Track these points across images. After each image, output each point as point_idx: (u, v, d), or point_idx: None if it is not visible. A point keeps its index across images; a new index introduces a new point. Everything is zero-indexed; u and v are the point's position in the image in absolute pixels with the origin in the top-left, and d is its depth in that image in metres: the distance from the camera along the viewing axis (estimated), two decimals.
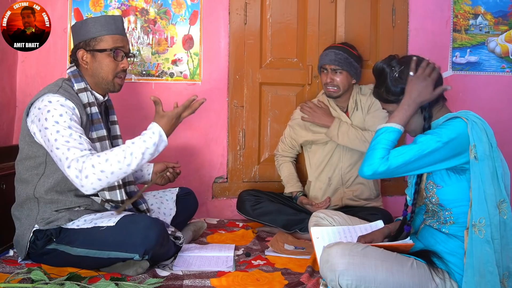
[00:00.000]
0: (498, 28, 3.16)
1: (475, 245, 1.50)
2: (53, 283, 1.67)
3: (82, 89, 1.98)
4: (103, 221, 1.90)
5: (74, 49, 2.02)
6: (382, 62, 1.70)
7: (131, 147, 1.83)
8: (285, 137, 2.85)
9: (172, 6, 2.94)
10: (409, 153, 1.55)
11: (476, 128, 1.54)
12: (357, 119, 2.65)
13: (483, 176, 1.52)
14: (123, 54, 2.02)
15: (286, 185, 2.79)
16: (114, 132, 2.20)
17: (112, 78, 2.01)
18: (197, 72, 2.97)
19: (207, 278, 1.90)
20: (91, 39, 1.97)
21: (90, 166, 1.76)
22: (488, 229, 1.49)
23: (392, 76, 1.65)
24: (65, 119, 1.83)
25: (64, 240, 1.91)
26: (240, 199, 2.74)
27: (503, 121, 3.14)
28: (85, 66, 2.01)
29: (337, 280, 1.50)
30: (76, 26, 2.02)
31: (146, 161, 1.87)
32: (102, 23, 1.98)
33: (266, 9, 3.03)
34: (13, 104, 2.82)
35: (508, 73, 3.18)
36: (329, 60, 2.58)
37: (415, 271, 1.56)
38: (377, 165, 1.57)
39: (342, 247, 1.55)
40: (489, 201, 1.51)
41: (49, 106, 1.85)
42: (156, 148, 1.88)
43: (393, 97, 1.66)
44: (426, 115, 1.65)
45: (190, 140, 3.00)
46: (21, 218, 1.97)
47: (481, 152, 1.52)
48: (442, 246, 1.61)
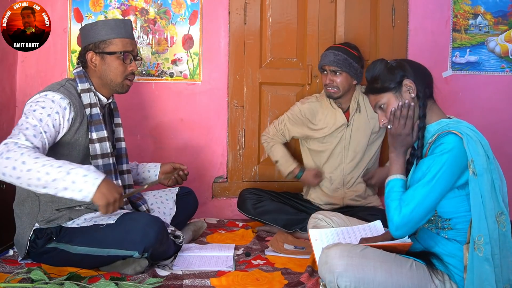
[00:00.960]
0: (498, 28, 3.16)
1: (475, 263, 1.49)
2: (53, 283, 1.67)
3: (86, 89, 1.99)
4: (103, 219, 1.91)
5: (82, 51, 2.04)
6: (374, 61, 1.75)
7: (50, 171, 1.63)
8: (279, 123, 2.79)
9: (172, 6, 2.94)
10: (418, 193, 1.53)
11: (471, 142, 1.52)
12: (359, 121, 2.64)
13: (483, 191, 1.49)
14: (131, 57, 2.04)
15: (285, 164, 2.74)
16: (117, 134, 2.20)
17: (121, 80, 2.04)
18: (197, 72, 2.98)
19: (207, 277, 1.91)
20: (100, 42, 1.99)
21: (20, 153, 1.63)
22: (488, 247, 1.47)
23: (389, 65, 1.69)
24: (42, 112, 1.81)
25: (64, 239, 1.91)
26: (241, 197, 2.74)
27: (503, 121, 3.15)
28: (93, 68, 2.02)
29: (336, 282, 1.50)
30: (85, 28, 2.04)
31: (43, 189, 1.66)
32: (112, 26, 2.00)
33: (266, 9, 3.03)
34: (13, 104, 2.82)
35: (507, 73, 3.18)
36: (328, 61, 2.57)
37: (414, 272, 1.55)
38: (394, 218, 1.55)
39: (341, 249, 1.55)
40: (488, 216, 1.49)
41: (41, 98, 1.87)
42: (63, 192, 1.65)
43: (388, 84, 1.67)
44: (420, 104, 1.66)
45: (190, 140, 3.00)
46: (22, 216, 1.98)
47: (479, 167, 1.50)
48: (441, 248, 1.61)
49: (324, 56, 2.61)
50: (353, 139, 2.64)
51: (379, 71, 1.69)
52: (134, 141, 2.93)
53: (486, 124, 3.11)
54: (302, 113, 2.72)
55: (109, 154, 2.01)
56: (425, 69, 1.73)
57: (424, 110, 1.65)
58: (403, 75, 1.67)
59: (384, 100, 1.69)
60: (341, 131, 2.64)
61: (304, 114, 2.71)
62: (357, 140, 2.64)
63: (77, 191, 1.64)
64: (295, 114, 2.75)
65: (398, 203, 1.56)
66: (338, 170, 2.67)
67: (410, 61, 1.73)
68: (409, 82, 1.66)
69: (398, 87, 1.67)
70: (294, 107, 2.78)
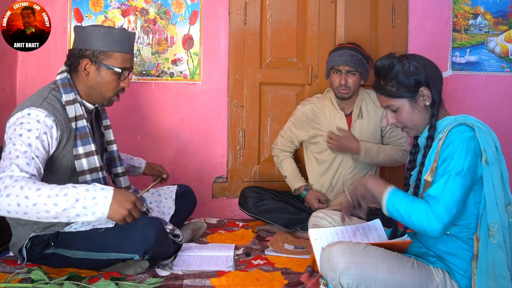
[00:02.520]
0: (498, 28, 3.17)
1: (490, 250, 1.48)
2: (53, 283, 1.67)
3: (71, 101, 1.87)
4: (101, 223, 1.89)
5: (77, 54, 1.89)
6: (387, 59, 1.64)
7: (57, 201, 1.61)
8: (285, 131, 2.78)
9: (172, 6, 2.94)
10: (451, 182, 1.47)
11: (482, 132, 1.53)
12: (361, 127, 2.61)
13: (494, 180, 1.50)
14: (127, 74, 1.94)
15: (292, 180, 2.72)
16: (108, 137, 2.13)
17: (110, 95, 1.94)
18: (197, 72, 2.98)
19: (207, 277, 1.91)
20: (100, 52, 1.86)
21: (19, 187, 1.59)
22: (501, 234, 1.47)
23: (405, 68, 1.60)
24: (30, 136, 1.70)
25: (62, 244, 1.89)
26: (243, 195, 2.73)
27: (503, 121, 3.15)
28: (84, 76, 1.89)
29: (338, 279, 1.50)
30: (87, 30, 1.88)
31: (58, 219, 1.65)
32: (116, 38, 1.87)
33: (266, 9, 3.03)
34: (13, 104, 2.82)
35: (507, 73, 3.18)
36: (344, 61, 2.50)
37: (415, 271, 1.56)
38: (433, 214, 1.46)
39: (343, 246, 1.55)
40: (499, 205, 1.49)
41: (25, 119, 1.74)
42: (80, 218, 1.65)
43: (404, 91, 1.61)
44: (434, 111, 1.63)
45: (190, 140, 3.00)
46: (17, 226, 1.94)
47: (490, 156, 1.50)
48: (443, 246, 1.61)
49: (339, 56, 2.53)
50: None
51: (395, 73, 1.61)
52: (134, 141, 2.93)
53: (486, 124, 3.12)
54: (304, 115, 2.69)
55: (98, 168, 1.91)
56: (438, 70, 1.68)
57: (436, 117, 1.62)
58: (419, 82, 1.61)
59: (397, 104, 1.64)
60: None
61: (307, 116, 2.68)
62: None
63: (90, 214, 1.63)
64: (298, 117, 2.72)
65: (423, 201, 1.49)
66: (339, 177, 2.66)
67: (425, 63, 1.65)
68: (426, 90, 1.61)
69: (414, 95, 1.62)
70: (296, 111, 2.75)
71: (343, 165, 2.64)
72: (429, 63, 1.66)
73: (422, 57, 1.68)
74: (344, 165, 2.64)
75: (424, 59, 1.67)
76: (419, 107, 1.63)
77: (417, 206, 1.49)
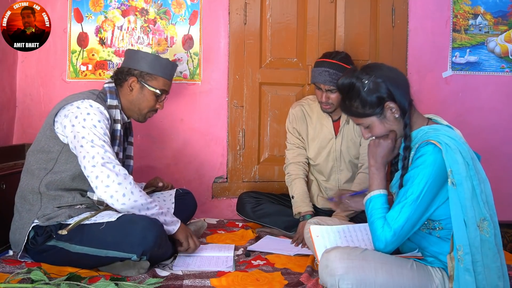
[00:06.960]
0: (498, 28, 3.17)
1: (457, 273, 1.49)
2: (53, 283, 1.67)
3: (114, 106, 2.11)
4: (104, 218, 1.92)
5: (126, 72, 2.14)
6: (346, 78, 1.63)
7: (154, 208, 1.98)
8: (288, 139, 2.72)
9: (172, 6, 2.94)
10: (406, 210, 1.52)
11: (449, 151, 1.50)
12: (348, 132, 2.58)
13: (463, 200, 1.49)
14: (164, 97, 2.22)
15: (300, 203, 2.53)
16: (128, 152, 2.32)
17: (146, 112, 2.20)
18: (197, 72, 2.98)
19: (207, 278, 1.91)
20: (147, 73, 2.13)
21: (128, 182, 1.90)
22: (468, 257, 1.47)
23: (366, 87, 1.57)
24: (102, 126, 1.96)
25: (64, 237, 1.91)
26: (240, 201, 2.73)
27: (503, 121, 3.15)
28: (128, 91, 2.15)
29: (338, 285, 1.50)
30: (138, 53, 2.18)
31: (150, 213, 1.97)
32: (162, 65, 2.16)
33: (266, 9, 3.03)
34: (13, 104, 2.82)
35: (507, 73, 3.18)
36: (323, 81, 2.43)
37: (414, 272, 1.56)
38: (383, 236, 1.54)
39: (341, 251, 1.55)
40: (469, 225, 1.48)
41: (90, 110, 1.97)
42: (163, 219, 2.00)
43: (370, 110, 1.59)
44: (407, 121, 1.61)
45: (190, 140, 3.00)
46: (22, 211, 1.99)
47: (458, 176, 1.49)
48: (436, 247, 1.61)
49: (318, 74, 2.46)
50: (344, 151, 2.60)
51: (356, 93, 1.59)
52: (134, 141, 2.90)
53: (486, 124, 3.12)
54: (295, 116, 2.67)
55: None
56: (402, 77, 1.66)
57: (410, 126, 1.61)
58: (382, 98, 1.58)
59: (367, 122, 1.63)
60: (330, 143, 2.60)
61: (298, 116, 2.66)
62: (348, 151, 2.60)
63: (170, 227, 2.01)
64: (292, 119, 2.69)
65: (383, 222, 1.56)
66: (332, 181, 2.65)
67: (385, 73, 1.61)
68: (392, 104, 1.58)
69: (380, 111, 1.59)
70: (289, 116, 2.72)
71: (336, 169, 2.62)
72: (390, 72, 1.63)
73: (382, 66, 1.66)
74: (336, 169, 2.63)
75: (383, 68, 1.64)
76: (390, 121, 1.62)
77: (377, 222, 1.57)
